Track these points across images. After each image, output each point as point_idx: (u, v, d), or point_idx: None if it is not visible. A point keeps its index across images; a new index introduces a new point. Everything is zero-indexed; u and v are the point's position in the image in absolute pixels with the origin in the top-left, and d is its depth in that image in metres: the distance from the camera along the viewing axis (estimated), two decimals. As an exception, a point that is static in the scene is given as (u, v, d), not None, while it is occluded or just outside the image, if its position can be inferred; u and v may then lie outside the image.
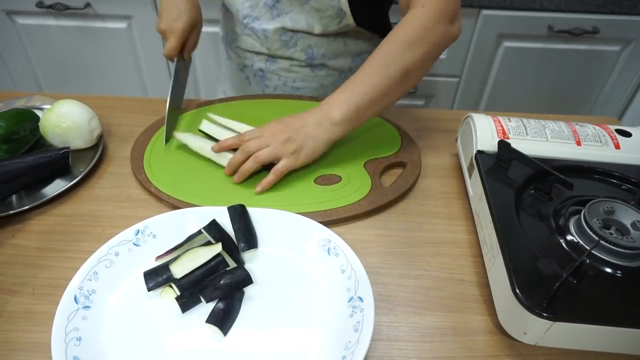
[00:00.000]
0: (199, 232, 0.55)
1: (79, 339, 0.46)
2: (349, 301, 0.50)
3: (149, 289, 0.51)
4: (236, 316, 0.50)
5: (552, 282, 0.45)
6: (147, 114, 0.82)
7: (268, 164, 0.67)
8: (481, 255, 0.57)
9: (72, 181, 0.66)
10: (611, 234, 0.51)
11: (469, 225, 0.63)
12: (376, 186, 0.67)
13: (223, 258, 0.52)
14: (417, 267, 0.57)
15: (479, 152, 0.64)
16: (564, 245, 0.52)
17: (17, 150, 0.71)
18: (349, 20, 0.81)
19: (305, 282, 0.53)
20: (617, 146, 0.65)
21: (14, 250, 0.58)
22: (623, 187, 0.62)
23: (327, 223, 0.60)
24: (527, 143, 0.64)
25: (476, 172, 0.62)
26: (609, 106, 1.55)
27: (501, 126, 0.66)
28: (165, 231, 0.56)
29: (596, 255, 0.50)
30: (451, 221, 0.64)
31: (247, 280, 0.51)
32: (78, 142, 0.71)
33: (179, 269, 0.51)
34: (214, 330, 0.48)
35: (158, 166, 0.70)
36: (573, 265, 0.47)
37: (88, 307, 0.49)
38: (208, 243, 0.55)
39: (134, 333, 0.48)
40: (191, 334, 0.49)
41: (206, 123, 0.75)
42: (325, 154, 0.72)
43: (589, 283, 0.47)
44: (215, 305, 0.50)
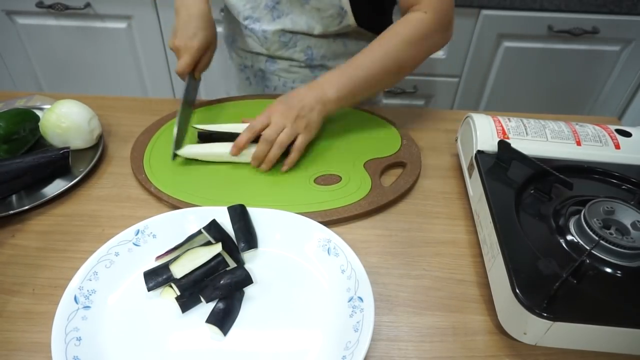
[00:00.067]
0: (199, 232, 0.55)
1: (79, 339, 0.46)
2: (349, 301, 0.50)
3: (149, 289, 0.51)
4: (236, 316, 0.50)
5: (552, 282, 0.45)
6: (147, 114, 0.82)
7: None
8: (481, 255, 0.57)
9: (72, 181, 0.66)
10: (611, 234, 0.51)
11: (469, 225, 0.63)
12: (376, 186, 0.67)
13: (223, 258, 0.52)
14: (417, 267, 0.57)
15: (479, 152, 0.64)
16: (564, 245, 0.52)
17: (17, 150, 0.71)
18: (350, 20, 0.81)
19: (305, 282, 0.53)
20: (617, 146, 0.65)
21: (14, 250, 0.58)
22: (623, 187, 0.62)
23: (327, 223, 0.60)
24: (527, 143, 0.64)
25: (476, 172, 0.62)
26: (609, 106, 1.55)
27: (501, 126, 0.66)
28: (165, 231, 0.56)
29: (596, 255, 0.50)
30: (451, 221, 0.64)
31: (247, 280, 0.51)
32: (78, 142, 0.71)
33: (179, 269, 0.51)
34: (214, 330, 0.48)
35: (158, 166, 0.70)
36: (573, 265, 0.47)
37: (88, 307, 0.49)
38: (208, 243, 0.55)
39: (134, 333, 0.48)
40: (191, 334, 0.49)
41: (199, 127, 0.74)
42: (325, 154, 0.73)
43: (589, 283, 0.47)
44: (215, 305, 0.50)
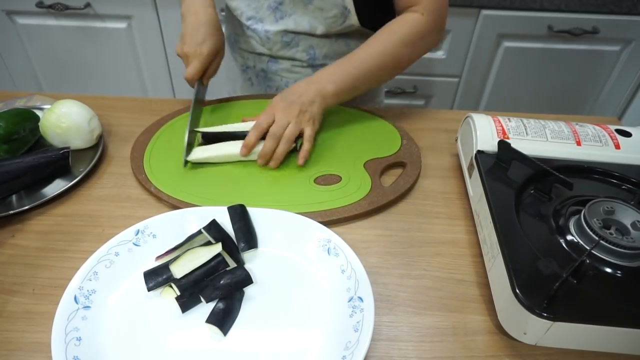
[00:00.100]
0: (199, 232, 0.55)
1: (79, 339, 0.46)
2: (349, 301, 0.50)
3: (149, 289, 0.51)
4: (236, 316, 0.50)
5: (552, 282, 0.45)
6: (147, 114, 0.82)
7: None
8: (481, 255, 0.57)
9: (72, 181, 0.66)
10: (611, 234, 0.51)
11: (469, 225, 0.63)
12: (376, 186, 0.67)
13: (223, 258, 0.52)
14: (417, 267, 0.57)
15: (479, 152, 0.64)
16: (564, 245, 0.52)
17: (17, 150, 0.71)
18: (353, 19, 0.81)
19: (305, 282, 0.53)
20: (617, 146, 0.65)
21: (14, 250, 0.58)
22: (623, 187, 0.62)
23: (327, 223, 0.60)
24: (527, 143, 0.64)
25: (476, 172, 0.62)
26: (609, 106, 1.55)
27: (501, 126, 0.66)
28: (165, 231, 0.56)
29: (596, 255, 0.50)
30: (451, 221, 0.64)
31: (247, 280, 0.51)
32: (78, 142, 0.71)
33: (179, 269, 0.51)
34: (214, 330, 0.48)
35: (158, 166, 0.70)
36: (573, 265, 0.47)
37: (88, 307, 0.49)
38: (208, 243, 0.55)
39: (134, 333, 0.48)
40: (191, 334, 0.49)
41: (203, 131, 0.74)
42: (325, 154, 0.73)
43: (589, 283, 0.47)
44: (215, 305, 0.50)
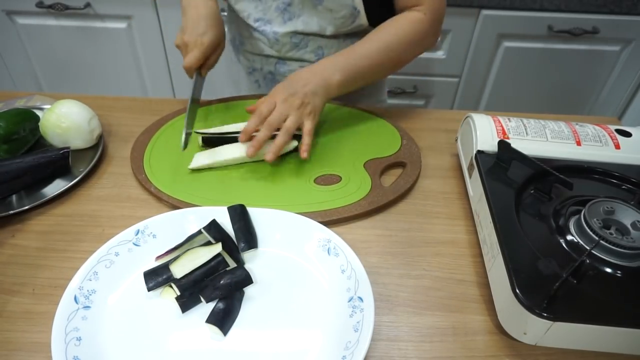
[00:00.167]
0: (199, 232, 0.55)
1: (79, 339, 0.46)
2: (349, 301, 0.50)
3: (149, 289, 0.51)
4: (236, 316, 0.50)
5: (552, 282, 0.45)
6: (147, 114, 0.82)
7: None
8: (481, 255, 0.57)
9: (72, 181, 0.66)
10: (611, 234, 0.51)
11: (469, 225, 0.63)
12: (376, 186, 0.67)
13: (223, 258, 0.52)
14: (417, 267, 0.57)
15: (479, 152, 0.64)
16: (564, 245, 0.52)
17: (17, 150, 0.71)
18: (363, 19, 0.81)
19: (305, 282, 0.53)
20: (617, 146, 0.65)
21: (14, 250, 0.58)
22: (623, 187, 0.62)
23: (327, 223, 0.60)
24: (527, 143, 0.64)
25: (476, 172, 0.62)
26: (609, 106, 1.55)
27: (501, 126, 0.66)
28: (165, 231, 0.56)
29: (596, 255, 0.50)
30: (451, 221, 0.64)
31: (247, 280, 0.51)
32: (78, 142, 0.71)
33: (179, 269, 0.51)
34: (214, 330, 0.48)
35: (158, 166, 0.70)
36: (573, 265, 0.47)
37: (88, 307, 0.49)
38: (208, 243, 0.55)
39: (134, 333, 0.48)
40: (191, 334, 0.49)
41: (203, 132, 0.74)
42: (325, 154, 0.73)
43: (589, 283, 0.47)
44: (215, 305, 0.50)
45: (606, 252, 0.50)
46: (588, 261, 0.48)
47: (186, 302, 0.50)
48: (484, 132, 0.66)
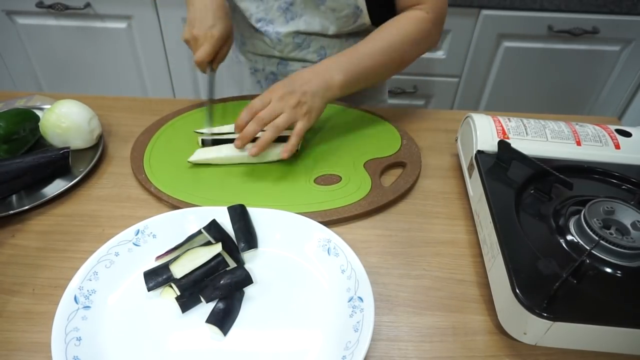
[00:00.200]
0: (199, 232, 0.55)
1: (79, 339, 0.46)
2: (349, 301, 0.50)
3: (149, 289, 0.51)
4: (236, 316, 0.50)
5: (552, 282, 0.45)
6: (147, 114, 0.82)
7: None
8: (481, 255, 0.57)
9: (72, 181, 0.66)
10: (611, 234, 0.51)
11: (469, 225, 0.63)
12: (376, 186, 0.67)
13: (223, 258, 0.52)
14: (417, 267, 0.57)
15: (479, 152, 0.64)
16: (564, 245, 0.52)
17: (17, 150, 0.71)
18: (365, 19, 0.81)
19: (305, 282, 0.53)
20: (617, 146, 0.65)
21: (14, 250, 0.58)
22: (623, 187, 0.62)
23: (327, 223, 0.60)
24: (527, 143, 0.64)
25: (476, 172, 0.62)
26: (609, 106, 1.55)
27: (501, 126, 0.66)
28: (165, 231, 0.56)
29: (596, 255, 0.50)
30: (451, 221, 0.64)
31: (247, 280, 0.51)
32: (78, 142, 0.71)
33: (179, 269, 0.51)
34: (214, 330, 0.48)
35: (158, 166, 0.70)
36: (573, 265, 0.47)
37: (88, 307, 0.49)
38: (208, 243, 0.55)
39: (134, 333, 0.48)
40: (191, 334, 0.49)
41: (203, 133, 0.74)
42: (325, 154, 0.73)
43: (589, 283, 0.47)
44: (215, 305, 0.50)
45: (606, 252, 0.50)
46: (588, 261, 0.48)
47: (186, 302, 0.50)
48: (484, 132, 0.66)
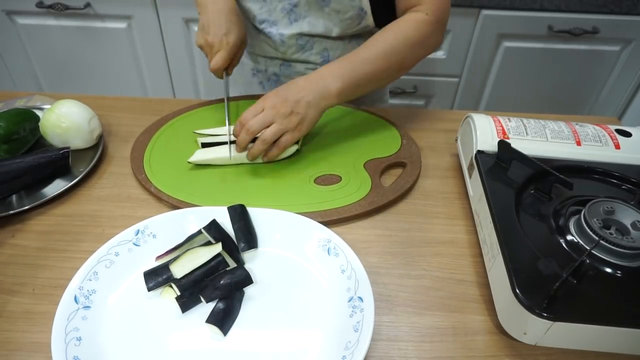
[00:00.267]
0: (199, 232, 0.55)
1: (79, 339, 0.46)
2: (349, 301, 0.50)
3: (149, 289, 0.51)
4: (236, 316, 0.50)
5: (552, 282, 0.45)
6: (147, 114, 0.82)
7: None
8: (481, 255, 0.57)
9: (72, 181, 0.66)
10: (611, 234, 0.51)
11: (469, 225, 0.63)
12: (376, 186, 0.67)
13: (223, 258, 0.52)
14: (417, 267, 0.57)
15: (479, 152, 0.64)
16: (564, 245, 0.52)
17: (17, 150, 0.71)
18: (369, 20, 0.80)
19: (305, 282, 0.53)
20: (617, 146, 0.65)
21: (14, 250, 0.58)
22: (623, 187, 0.62)
23: (327, 223, 0.60)
24: (527, 143, 0.64)
25: (476, 172, 0.62)
26: (609, 106, 1.55)
27: (501, 126, 0.66)
28: (165, 231, 0.56)
29: (596, 255, 0.50)
30: (451, 221, 0.64)
31: (247, 280, 0.51)
32: (78, 142, 0.71)
33: (179, 269, 0.51)
34: (214, 330, 0.48)
35: (158, 166, 0.70)
36: (573, 265, 0.47)
37: (88, 307, 0.49)
38: (208, 243, 0.55)
39: (134, 333, 0.48)
40: (191, 334, 0.49)
41: (201, 136, 0.74)
42: (325, 154, 0.73)
43: (589, 283, 0.47)
44: (215, 305, 0.50)
45: (606, 252, 0.50)
46: (588, 261, 0.48)
47: (186, 302, 0.50)
48: (484, 132, 0.66)
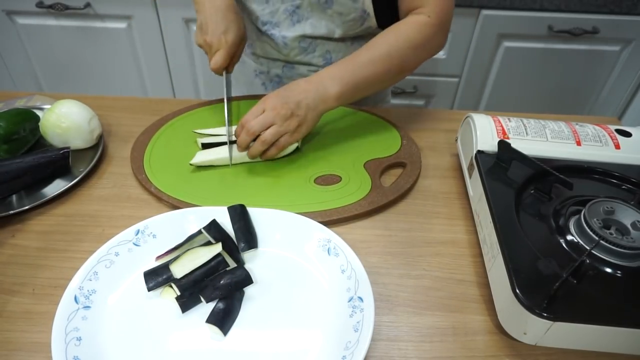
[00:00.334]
0: (199, 232, 0.55)
1: (79, 339, 0.46)
2: (349, 301, 0.50)
3: (149, 289, 0.51)
4: (236, 316, 0.50)
5: (552, 282, 0.45)
6: (147, 114, 0.82)
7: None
8: (481, 255, 0.57)
9: (72, 181, 0.66)
10: (611, 234, 0.51)
11: (469, 225, 0.63)
12: (376, 186, 0.67)
13: (223, 258, 0.52)
14: (417, 267, 0.57)
15: (479, 152, 0.64)
16: (564, 245, 0.52)
17: (17, 150, 0.71)
18: (372, 22, 0.80)
19: (305, 282, 0.53)
20: (617, 146, 0.65)
21: (14, 250, 0.58)
22: (623, 187, 0.62)
23: (327, 223, 0.60)
24: (527, 143, 0.64)
25: (476, 172, 0.62)
26: (609, 106, 1.55)
27: (501, 126, 0.66)
28: (165, 231, 0.56)
29: (596, 255, 0.50)
30: (451, 221, 0.64)
31: (247, 280, 0.51)
32: (78, 142, 0.71)
33: (179, 269, 0.51)
34: (214, 330, 0.48)
35: (158, 166, 0.70)
36: (573, 265, 0.47)
37: (88, 307, 0.49)
38: (208, 243, 0.55)
39: (134, 333, 0.48)
40: (191, 334, 0.49)
41: (201, 137, 0.74)
42: (325, 154, 0.73)
43: (589, 283, 0.47)
44: (215, 305, 0.50)
45: (606, 252, 0.50)
46: (588, 261, 0.48)
47: (186, 302, 0.50)
48: (484, 132, 0.66)
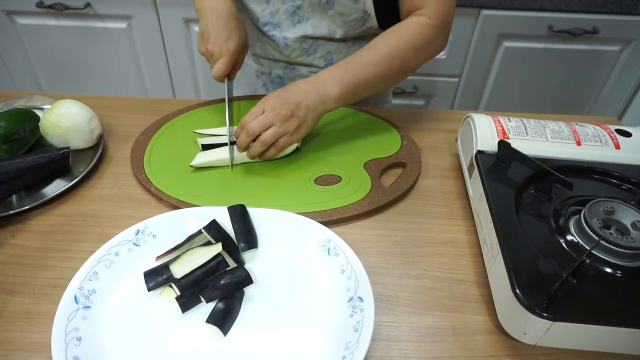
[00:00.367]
0: (199, 232, 0.55)
1: (79, 339, 0.46)
2: (349, 301, 0.50)
3: (149, 289, 0.51)
4: (236, 316, 0.50)
5: (552, 282, 0.45)
6: (147, 114, 0.82)
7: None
8: (481, 255, 0.57)
9: (72, 181, 0.66)
10: (611, 234, 0.51)
11: (469, 225, 0.63)
12: (376, 186, 0.67)
13: (223, 258, 0.52)
14: (417, 267, 0.57)
15: (479, 152, 0.64)
16: (564, 245, 0.52)
17: (17, 150, 0.71)
18: (373, 22, 0.80)
19: (305, 282, 0.53)
20: (617, 146, 0.65)
21: (14, 250, 0.58)
22: (623, 187, 0.62)
23: (327, 223, 0.60)
24: (527, 143, 0.64)
25: (476, 172, 0.62)
26: (609, 106, 1.55)
27: (501, 126, 0.66)
28: (165, 231, 0.56)
29: (596, 255, 0.50)
30: (451, 221, 0.64)
31: (247, 280, 0.51)
32: (78, 142, 0.71)
33: (179, 269, 0.51)
34: (214, 330, 0.48)
35: (158, 166, 0.70)
36: (573, 265, 0.47)
37: (88, 307, 0.49)
38: (208, 243, 0.55)
39: (134, 333, 0.48)
40: (191, 334, 0.49)
41: (201, 138, 0.74)
42: (325, 154, 0.73)
43: (589, 283, 0.47)
44: (215, 305, 0.50)
45: (606, 252, 0.50)
46: (588, 261, 0.48)
47: (186, 302, 0.50)
48: (484, 132, 0.66)
